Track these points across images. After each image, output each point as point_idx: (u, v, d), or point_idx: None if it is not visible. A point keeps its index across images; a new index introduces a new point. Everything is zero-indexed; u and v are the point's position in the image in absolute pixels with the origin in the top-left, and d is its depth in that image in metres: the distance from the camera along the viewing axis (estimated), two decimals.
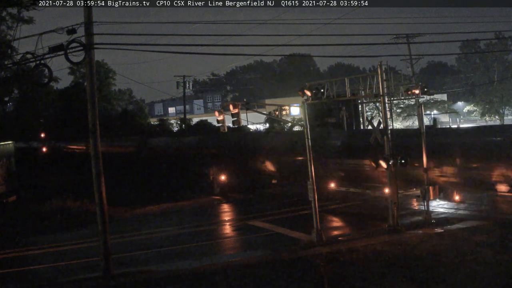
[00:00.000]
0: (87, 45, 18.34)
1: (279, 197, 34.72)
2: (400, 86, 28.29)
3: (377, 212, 26.88)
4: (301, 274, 18.05)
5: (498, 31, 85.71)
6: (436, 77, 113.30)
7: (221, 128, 24.90)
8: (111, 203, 23.14)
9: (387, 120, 23.54)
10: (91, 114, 19.12)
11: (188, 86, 69.60)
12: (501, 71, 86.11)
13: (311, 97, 24.44)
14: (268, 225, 26.56)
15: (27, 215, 31.22)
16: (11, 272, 21.04)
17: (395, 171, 23.22)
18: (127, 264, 20.56)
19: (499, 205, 26.25)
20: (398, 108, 67.99)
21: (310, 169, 22.10)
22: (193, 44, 30.92)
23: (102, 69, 73.12)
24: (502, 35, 78.25)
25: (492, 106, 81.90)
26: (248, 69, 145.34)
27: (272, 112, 47.69)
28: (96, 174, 19.11)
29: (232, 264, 19.87)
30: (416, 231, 22.59)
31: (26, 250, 24.72)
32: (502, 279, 16.08)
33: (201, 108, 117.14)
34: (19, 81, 52.67)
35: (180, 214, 32.10)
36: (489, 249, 19.03)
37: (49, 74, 19.26)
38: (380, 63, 23.68)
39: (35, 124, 59.71)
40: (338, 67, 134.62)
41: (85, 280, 18.93)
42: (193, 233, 26.32)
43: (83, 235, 26.76)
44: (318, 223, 21.83)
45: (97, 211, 19.21)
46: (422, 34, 59.78)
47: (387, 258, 18.99)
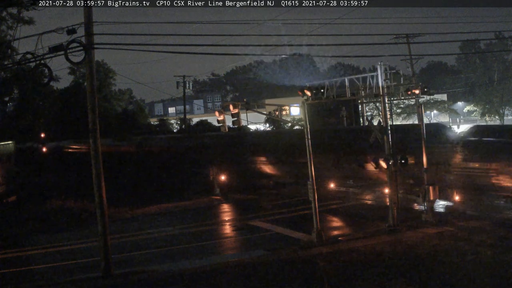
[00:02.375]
0: (87, 45, 18.34)
1: (279, 197, 34.73)
2: (400, 86, 28.28)
3: (377, 212, 26.90)
4: (301, 274, 18.06)
5: (498, 31, 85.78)
6: (436, 77, 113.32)
7: (222, 128, 24.87)
8: (111, 203, 23.19)
9: (387, 120, 23.55)
10: (91, 114, 19.12)
11: (188, 86, 69.53)
12: (501, 71, 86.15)
13: (311, 97, 24.41)
14: (268, 225, 26.57)
15: (27, 215, 31.21)
16: (11, 272, 21.05)
17: (395, 171, 23.24)
18: (127, 264, 20.56)
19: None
20: (398, 108, 68.00)
21: (310, 169, 22.11)
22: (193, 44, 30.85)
23: (102, 69, 73.00)
24: (502, 35, 78.35)
25: (492, 106, 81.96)
26: (248, 69, 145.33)
27: (272, 112, 47.70)
28: (96, 174, 19.12)
29: (232, 264, 19.88)
30: (416, 231, 22.58)
31: (26, 250, 24.72)
32: (502, 279, 16.08)
33: (201, 108, 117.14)
34: (19, 81, 52.65)
35: (180, 214, 32.10)
36: (489, 249, 19.04)
37: (49, 74, 19.27)
38: (380, 63, 23.69)
39: (35, 124, 59.65)
40: (338, 67, 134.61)
41: (85, 280, 18.94)
42: (193, 233, 26.33)
43: (83, 235, 26.76)
44: (318, 223, 21.84)
45: (97, 211, 19.21)
46: (422, 34, 59.76)
47: (387, 258, 19.00)
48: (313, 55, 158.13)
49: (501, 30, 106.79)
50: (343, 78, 26.33)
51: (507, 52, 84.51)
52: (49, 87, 55.54)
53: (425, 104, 65.28)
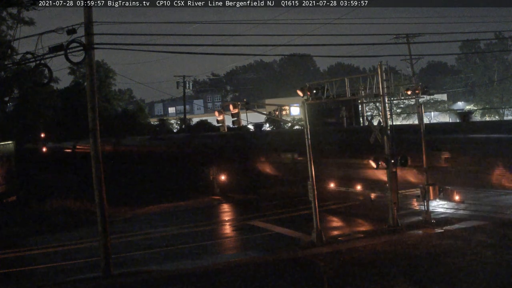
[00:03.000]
0: (87, 45, 18.34)
1: (279, 197, 34.71)
2: (400, 86, 28.28)
3: (377, 212, 26.88)
4: (301, 274, 18.05)
5: (498, 31, 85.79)
6: (436, 77, 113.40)
7: (221, 128, 24.89)
8: (111, 203, 23.18)
9: (387, 120, 23.54)
10: (91, 114, 19.12)
11: (188, 86, 69.64)
12: (501, 71, 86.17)
13: (311, 97, 24.40)
14: (268, 225, 26.55)
15: (27, 215, 31.21)
16: (11, 272, 21.04)
17: (395, 171, 23.23)
18: (127, 264, 20.55)
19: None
20: (398, 108, 68.02)
21: (310, 169, 22.11)
22: (193, 44, 30.99)
23: (102, 69, 73.11)
24: (502, 35, 78.35)
25: (492, 106, 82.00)
26: (248, 69, 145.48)
27: (272, 112, 47.62)
28: (96, 174, 19.12)
29: (232, 264, 19.86)
30: (416, 231, 22.59)
31: (26, 250, 24.72)
32: (502, 279, 16.07)
33: (201, 108, 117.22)
34: (19, 81, 52.61)
35: (180, 214, 32.09)
36: (489, 249, 19.02)
37: (49, 74, 19.28)
38: (380, 63, 23.68)
39: (35, 124, 59.61)
40: (338, 67, 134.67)
41: (85, 280, 18.94)
42: (193, 233, 26.31)
43: (83, 235, 26.76)
44: (318, 223, 21.82)
45: (97, 211, 19.21)
46: (422, 34, 59.81)
47: (387, 258, 18.99)
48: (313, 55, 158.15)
49: (501, 30, 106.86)
50: (343, 78, 26.34)
51: (507, 52, 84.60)
52: (49, 87, 55.48)
53: (425, 104, 65.32)
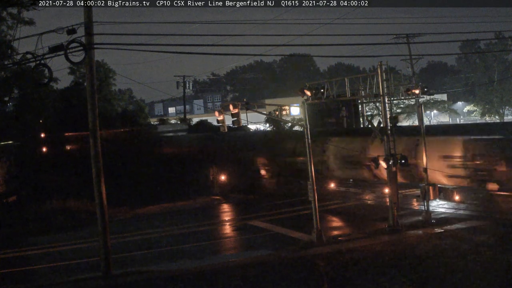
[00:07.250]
0: (87, 45, 18.34)
1: (279, 197, 34.69)
2: (400, 86, 28.29)
3: (377, 212, 26.90)
4: (301, 274, 18.06)
5: (498, 31, 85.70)
6: (436, 77, 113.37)
7: (221, 128, 24.88)
8: (111, 203, 23.16)
9: (387, 120, 23.53)
10: (91, 114, 19.13)
11: (188, 86, 69.64)
12: (501, 71, 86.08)
13: (311, 97, 24.41)
14: (268, 225, 26.55)
15: (27, 215, 31.22)
16: (11, 272, 21.05)
17: (395, 171, 23.22)
18: (127, 264, 20.56)
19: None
20: (398, 108, 67.93)
21: (310, 169, 22.11)
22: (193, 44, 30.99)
23: (102, 69, 72.95)
24: (502, 35, 78.26)
25: (492, 106, 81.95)
26: (248, 69, 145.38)
27: (272, 112, 47.69)
28: (96, 174, 19.12)
29: (232, 264, 19.88)
30: (416, 231, 22.58)
31: (26, 250, 24.73)
32: (502, 279, 16.07)
33: (201, 108, 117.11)
34: (19, 81, 52.56)
35: (180, 214, 32.10)
36: (489, 249, 19.02)
37: (49, 74, 19.26)
38: (380, 63, 23.68)
39: (35, 124, 59.55)
40: (338, 67, 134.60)
41: (85, 280, 18.95)
42: (193, 233, 26.32)
43: (83, 235, 26.77)
44: (318, 223, 21.82)
45: (97, 211, 19.22)
46: (422, 34, 59.78)
47: (387, 258, 18.98)
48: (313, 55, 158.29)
49: (501, 30, 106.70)
50: (343, 78, 26.34)
51: (507, 52, 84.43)
52: (49, 87, 55.46)
53: (425, 104, 65.25)
